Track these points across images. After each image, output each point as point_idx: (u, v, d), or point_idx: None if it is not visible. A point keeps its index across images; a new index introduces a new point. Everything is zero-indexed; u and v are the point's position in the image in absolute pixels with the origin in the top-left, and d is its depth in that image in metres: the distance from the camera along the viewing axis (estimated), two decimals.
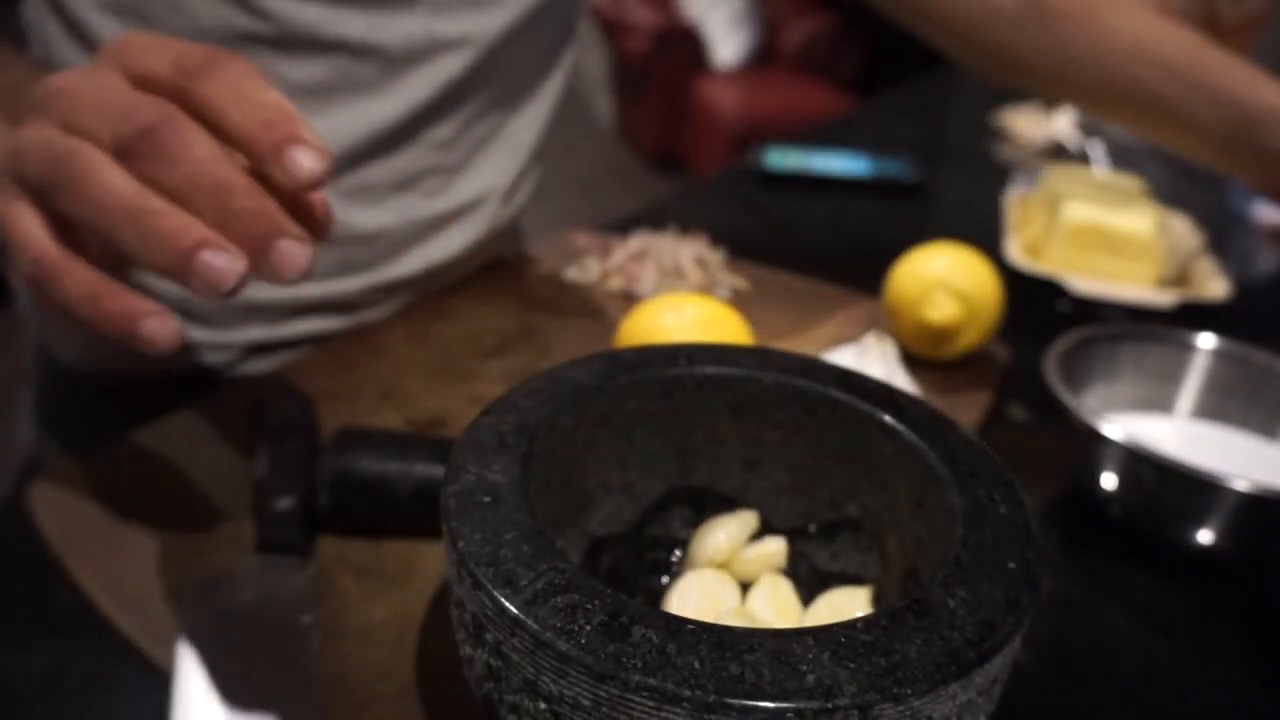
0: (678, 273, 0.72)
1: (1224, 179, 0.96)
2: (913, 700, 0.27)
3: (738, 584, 0.41)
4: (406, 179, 0.64)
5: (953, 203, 0.99)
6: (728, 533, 0.42)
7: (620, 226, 0.79)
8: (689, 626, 0.29)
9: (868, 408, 0.40)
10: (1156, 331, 0.59)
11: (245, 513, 0.46)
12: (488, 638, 0.30)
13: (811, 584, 0.42)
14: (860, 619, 0.29)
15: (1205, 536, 0.49)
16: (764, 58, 3.42)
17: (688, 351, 0.42)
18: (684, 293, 0.64)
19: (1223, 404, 0.58)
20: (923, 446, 0.38)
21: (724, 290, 0.71)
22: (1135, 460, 0.49)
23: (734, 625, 0.29)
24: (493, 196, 0.69)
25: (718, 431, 0.43)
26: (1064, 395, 0.52)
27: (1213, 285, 0.76)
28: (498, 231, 0.71)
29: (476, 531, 0.32)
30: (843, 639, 0.29)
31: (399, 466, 0.45)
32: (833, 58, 3.27)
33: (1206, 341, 0.58)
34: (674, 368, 0.41)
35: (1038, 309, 0.75)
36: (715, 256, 0.74)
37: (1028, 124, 1.13)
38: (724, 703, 0.27)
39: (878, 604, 0.40)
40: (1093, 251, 0.77)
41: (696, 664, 0.27)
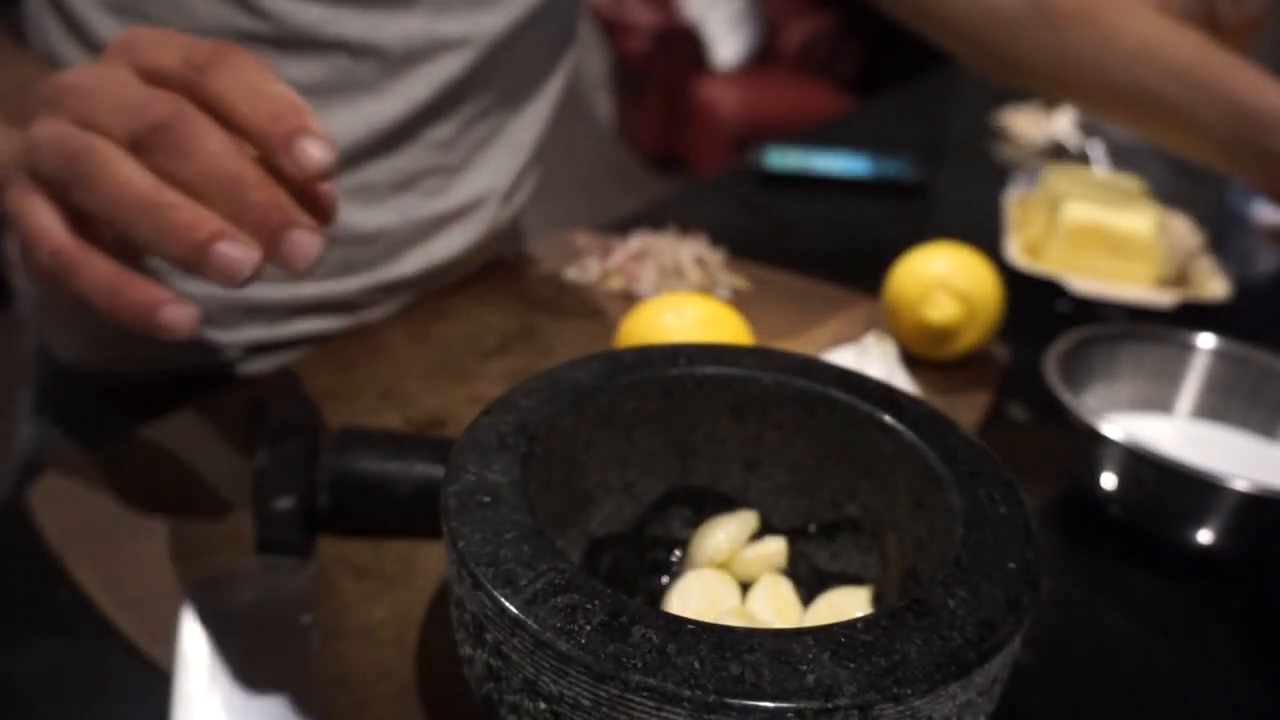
0: (678, 273, 0.72)
1: (1224, 179, 0.96)
2: (913, 700, 0.27)
3: (738, 584, 0.41)
4: (406, 179, 0.64)
5: (953, 203, 0.99)
6: (728, 533, 0.42)
7: (620, 226, 0.79)
8: (689, 626, 0.29)
9: (868, 408, 0.40)
10: (1156, 331, 0.59)
11: (245, 513, 0.46)
12: (488, 638, 0.30)
13: (811, 584, 0.42)
14: (860, 619, 0.29)
15: (1205, 536, 0.49)
16: (764, 58, 3.42)
17: (688, 351, 0.42)
18: (684, 293, 0.64)
19: (1223, 404, 0.58)
20: (923, 446, 0.38)
21: (724, 290, 0.71)
22: (1135, 460, 0.49)
23: (734, 625, 0.29)
24: (493, 197, 0.69)
25: (718, 431, 0.43)
26: (1064, 395, 0.52)
27: (1213, 285, 0.76)
28: (498, 232, 0.71)
29: (476, 531, 0.32)
30: (843, 639, 0.29)
31: (399, 466, 0.45)
32: (833, 58, 3.27)
33: (1206, 341, 0.58)
34: (674, 368, 0.41)
35: (1038, 309, 0.75)
36: (715, 256, 0.74)
37: (1028, 124, 1.13)
38: (724, 703, 0.27)
39: (878, 604, 0.40)
40: (1093, 251, 0.77)
41: (696, 664, 0.27)
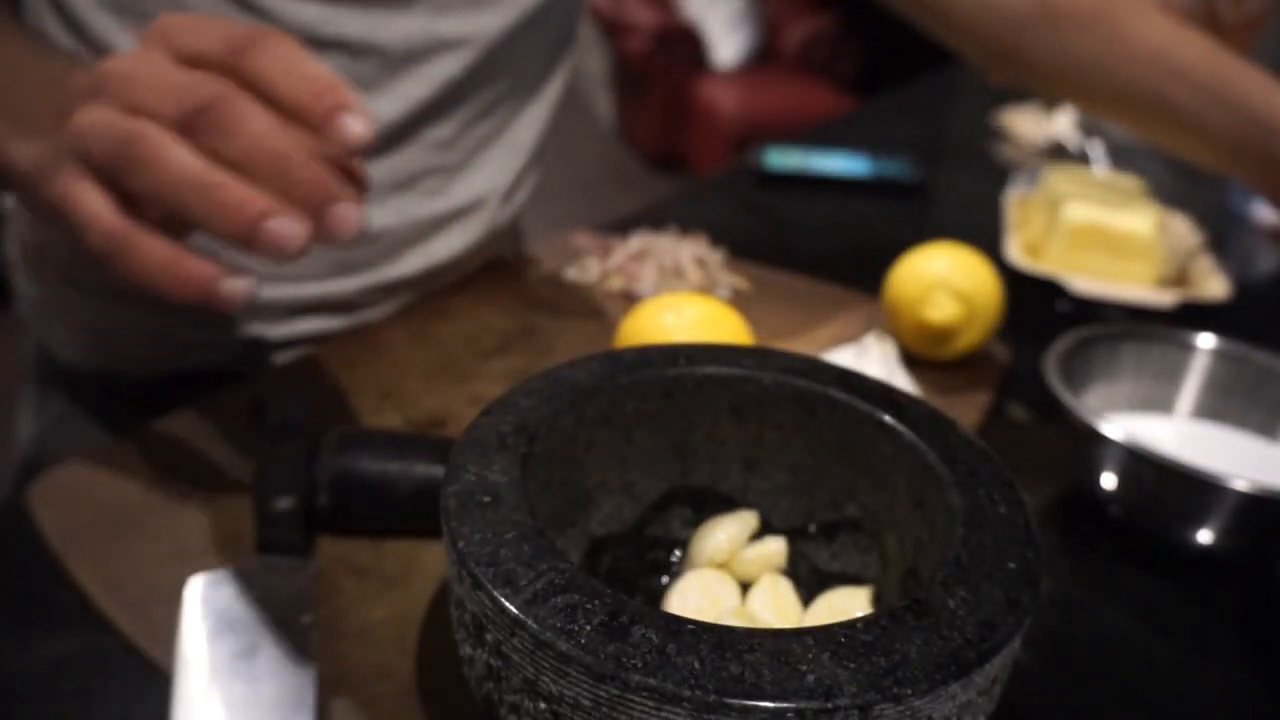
0: (678, 273, 0.72)
1: (1224, 179, 0.96)
2: (913, 700, 0.27)
3: (738, 584, 0.41)
4: (406, 179, 0.64)
5: (953, 203, 0.99)
6: (728, 533, 0.42)
7: (620, 226, 0.79)
8: (689, 626, 0.29)
9: (867, 408, 0.40)
10: (1156, 331, 0.59)
11: (245, 513, 0.46)
12: (488, 638, 0.30)
13: (811, 584, 0.42)
14: (860, 619, 0.29)
15: (1205, 536, 0.49)
16: (764, 58, 3.42)
17: (688, 351, 0.42)
18: (684, 293, 0.64)
19: (1222, 404, 0.58)
20: (923, 446, 0.38)
21: (724, 290, 0.71)
22: (1135, 460, 0.49)
23: (734, 625, 0.29)
24: (492, 196, 0.69)
25: (718, 431, 0.43)
26: (1064, 395, 0.52)
27: (1213, 285, 0.76)
28: (497, 231, 0.71)
29: (476, 531, 0.32)
30: (843, 639, 0.29)
31: (399, 466, 0.45)
32: (833, 58, 3.27)
33: (1206, 341, 0.58)
34: (674, 368, 0.41)
35: (1038, 309, 0.75)
36: (715, 256, 0.74)
37: (1028, 124, 1.13)
38: (724, 703, 0.27)
39: (878, 604, 0.40)
40: (1093, 251, 0.77)
41: (696, 664, 0.27)
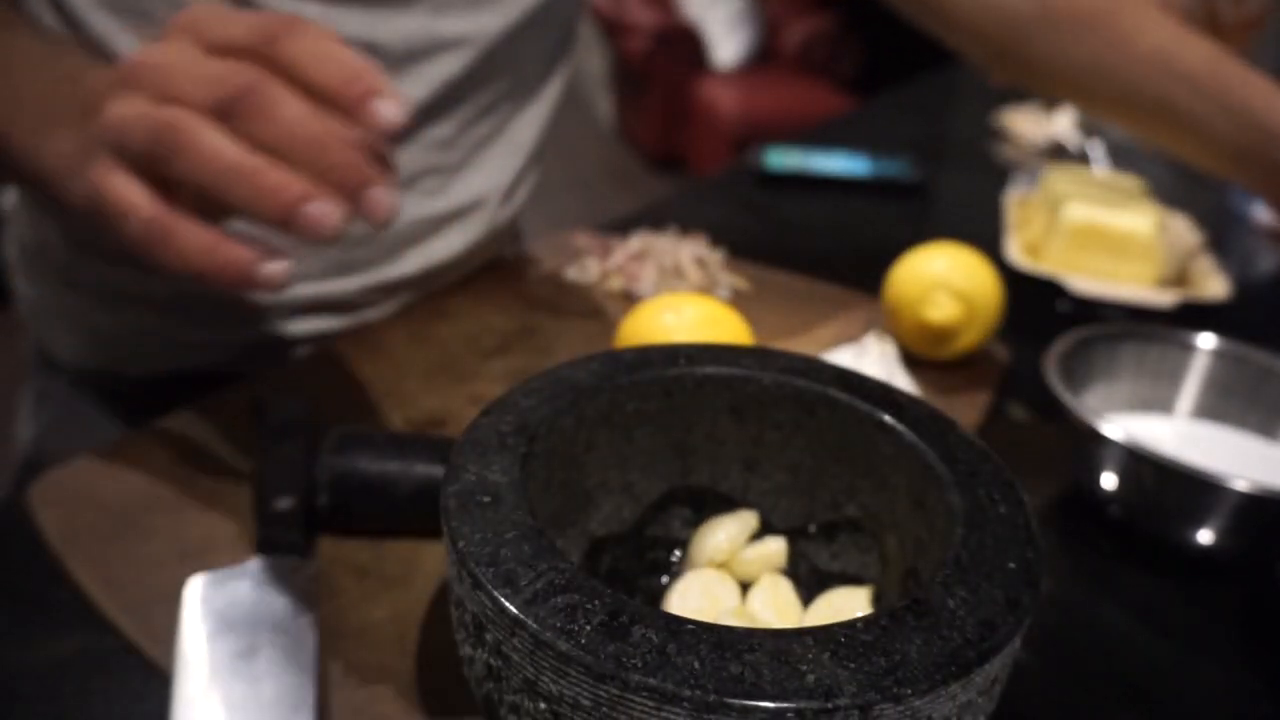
0: (678, 273, 0.72)
1: (1224, 179, 0.96)
2: (913, 700, 0.27)
3: (738, 584, 0.41)
4: (406, 178, 0.64)
5: (953, 203, 0.99)
6: (728, 533, 0.42)
7: (620, 226, 0.79)
8: (689, 626, 0.29)
9: (867, 407, 0.40)
10: (1156, 331, 0.59)
11: (245, 513, 0.46)
12: (488, 638, 0.30)
13: (811, 584, 0.42)
14: (860, 619, 0.29)
15: (1205, 536, 0.49)
16: (764, 58, 3.42)
17: (688, 351, 0.42)
18: (684, 293, 0.64)
19: (1222, 404, 0.58)
20: (922, 446, 0.38)
21: (724, 290, 0.71)
22: (1135, 460, 0.49)
23: (734, 625, 0.29)
24: (492, 196, 0.69)
25: (718, 431, 0.43)
26: (1064, 395, 0.52)
27: (1212, 285, 0.76)
28: (497, 231, 0.71)
29: (476, 531, 0.32)
30: (843, 639, 0.29)
31: (399, 466, 0.45)
32: (833, 58, 3.27)
33: (1206, 341, 0.58)
34: (674, 368, 0.41)
35: (1038, 309, 0.75)
36: (715, 256, 0.74)
37: (1028, 124, 1.13)
38: (724, 703, 0.27)
39: (878, 604, 0.40)
40: (1093, 251, 0.77)
41: (696, 664, 0.27)
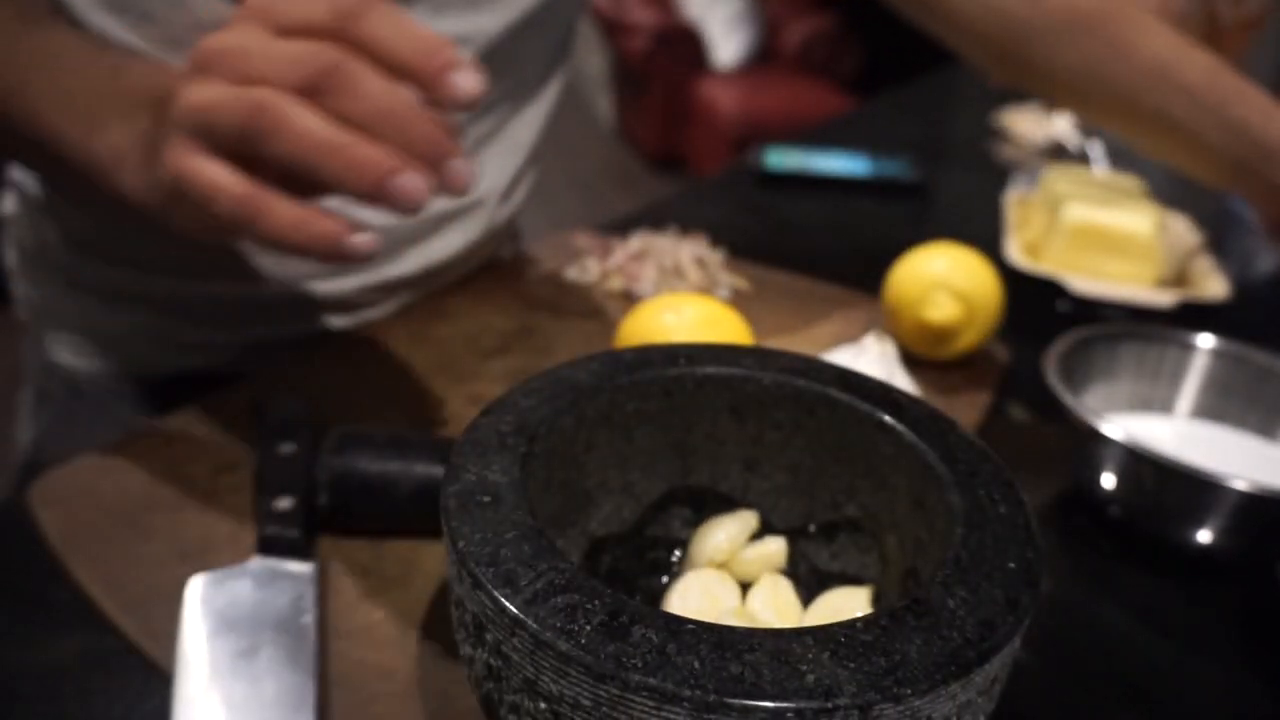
0: (678, 273, 0.72)
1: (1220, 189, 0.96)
2: (913, 700, 0.27)
3: (738, 584, 0.41)
4: None
5: (953, 203, 0.99)
6: (728, 533, 0.42)
7: (620, 226, 0.79)
8: (689, 626, 0.29)
9: (867, 407, 0.40)
10: (1156, 331, 0.59)
11: (245, 513, 0.46)
12: (488, 638, 0.30)
13: (811, 584, 0.42)
14: (860, 619, 0.30)
15: (1205, 536, 0.49)
16: (764, 58, 3.42)
17: (688, 351, 0.42)
18: (684, 293, 0.64)
19: (1222, 404, 0.58)
20: (922, 446, 0.38)
21: (724, 290, 0.71)
22: (1135, 460, 0.49)
23: (734, 625, 0.29)
24: (491, 196, 0.69)
25: (718, 431, 0.43)
26: (1064, 395, 0.52)
27: (1212, 285, 0.76)
28: (496, 231, 0.71)
29: (476, 531, 0.32)
30: (843, 639, 0.29)
31: (399, 466, 0.45)
32: (833, 58, 3.27)
33: (1206, 341, 0.58)
34: (674, 368, 0.41)
35: (1038, 309, 0.75)
36: (715, 256, 0.74)
37: (1028, 124, 1.13)
38: (724, 703, 0.27)
39: (878, 604, 0.40)
40: (1093, 251, 0.77)
41: (696, 664, 0.27)
